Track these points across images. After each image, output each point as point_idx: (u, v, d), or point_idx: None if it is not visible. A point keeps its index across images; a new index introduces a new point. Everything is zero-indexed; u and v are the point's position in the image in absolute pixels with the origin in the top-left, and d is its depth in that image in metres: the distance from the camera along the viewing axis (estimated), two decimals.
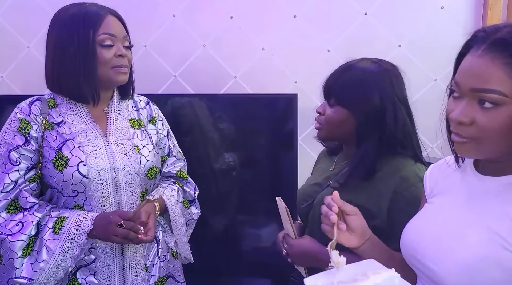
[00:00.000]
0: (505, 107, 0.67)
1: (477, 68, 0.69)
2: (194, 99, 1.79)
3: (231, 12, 1.85)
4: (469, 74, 0.70)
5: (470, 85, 0.70)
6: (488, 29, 0.72)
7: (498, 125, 0.68)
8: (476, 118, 0.69)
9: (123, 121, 1.25)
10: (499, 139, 0.69)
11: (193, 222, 1.39)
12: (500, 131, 0.68)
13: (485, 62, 0.68)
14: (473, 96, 0.70)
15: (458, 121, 0.71)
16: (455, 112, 0.72)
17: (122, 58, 1.17)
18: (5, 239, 1.09)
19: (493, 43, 0.68)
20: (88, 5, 1.17)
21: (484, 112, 0.68)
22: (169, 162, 1.36)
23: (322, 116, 1.14)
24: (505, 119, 0.67)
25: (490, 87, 0.67)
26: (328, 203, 0.88)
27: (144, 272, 1.22)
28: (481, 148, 0.72)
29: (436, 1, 1.70)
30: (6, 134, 1.14)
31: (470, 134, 0.71)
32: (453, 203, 0.80)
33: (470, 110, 0.70)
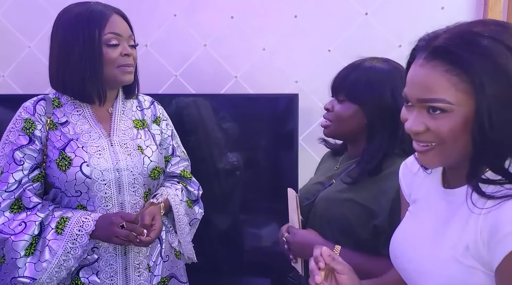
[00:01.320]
0: (453, 113, 0.67)
1: (420, 78, 0.69)
2: (195, 98, 1.79)
3: (232, 12, 1.85)
4: (414, 84, 0.71)
5: (416, 96, 0.70)
6: (428, 36, 0.72)
7: (450, 129, 0.68)
8: (428, 125, 0.70)
9: (127, 121, 1.25)
10: (455, 143, 0.69)
11: (196, 221, 1.39)
12: (453, 135, 0.68)
13: (427, 71, 0.68)
14: (421, 105, 0.70)
15: (413, 131, 0.72)
16: (408, 122, 0.73)
17: (128, 57, 1.17)
18: (8, 238, 1.09)
19: (433, 51, 0.68)
20: (93, 4, 1.17)
21: (435, 119, 0.69)
22: (173, 162, 1.36)
23: (330, 112, 1.14)
24: (455, 124, 0.67)
25: (436, 97, 0.67)
26: (315, 257, 0.82)
27: (147, 272, 1.22)
28: (442, 154, 0.72)
29: (437, 2, 1.71)
30: (11, 133, 1.14)
31: (430, 139, 0.71)
32: (425, 220, 0.80)
33: (421, 118, 0.71)
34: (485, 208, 0.67)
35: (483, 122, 0.65)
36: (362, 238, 1.06)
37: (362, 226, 1.05)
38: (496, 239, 0.64)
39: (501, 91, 0.64)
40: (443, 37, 0.68)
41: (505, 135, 0.65)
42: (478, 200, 0.69)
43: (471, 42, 0.66)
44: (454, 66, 0.66)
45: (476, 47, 0.65)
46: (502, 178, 0.68)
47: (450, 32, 0.69)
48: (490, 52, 0.64)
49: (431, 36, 0.71)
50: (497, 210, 0.65)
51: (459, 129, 0.67)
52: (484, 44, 0.65)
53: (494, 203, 0.66)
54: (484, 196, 0.67)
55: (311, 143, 1.82)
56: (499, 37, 0.65)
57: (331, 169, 1.24)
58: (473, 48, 0.65)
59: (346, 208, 1.08)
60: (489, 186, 0.69)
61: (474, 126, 0.66)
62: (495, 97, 0.64)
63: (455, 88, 0.66)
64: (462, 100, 0.66)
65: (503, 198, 0.65)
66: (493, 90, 0.64)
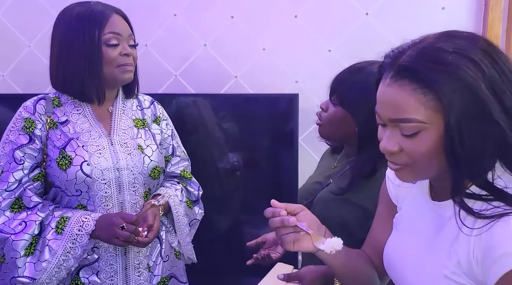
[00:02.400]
0: (425, 132, 0.66)
1: (389, 98, 0.68)
2: (195, 98, 1.79)
3: (232, 12, 1.85)
4: (384, 104, 0.70)
5: (387, 116, 0.70)
6: (393, 53, 0.70)
7: (424, 150, 0.67)
8: (402, 146, 0.69)
9: (127, 120, 1.25)
10: (430, 161, 0.68)
11: (196, 222, 1.39)
12: (428, 155, 0.67)
13: (395, 91, 0.67)
14: (393, 125, 0.70)
15: (387, 151, 0.72)
16: (382, 142, 0.72)
17: (127, 57, 1.17)
18: (8, 238, 1.09)
19: (399, 70, 0.67)
20: (93, 4, 1.17)
21: (408, 139, 0.68)
22: (173, 162, 1.36)
23: (324, 112, 1.14)
24: (429, 143, 0.66)
25: (406, 117, 0.66)
26: (273, 212, 0.83)
27: (147, 272, 1.22)
28: (416, 172, 0.71)
29: (437, 2, 1.71)
30: (11, 132, 1.14)
31: (403, 161, 0.71)
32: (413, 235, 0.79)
33: (395, 138, 0.70)
34: (476, 228, 0.65)
35: (454, 139, 0.64)
36: (359, 238, 1.06)
37: (360, 227, 1.05)
38: (490, 260, 0.63)
39: (469, 107, 0.63)
40: (408, 55, 0.67)
41: (477, 150, 0.64)
42: (467, 217, 0.67)
43: (436, 59, 0.64)
44: (420, 84, 0.65)
45: (441, 64, 0.64)
46: (487, 194, 0.66)
47: (415, 48, 0.67)
48: (455, 69, 0.63)
49: (395, 53, 0.70)
50: (488, 231, 0.64)
51: (433, 148, 0.66)
52: (448, 60, 0.64)
53: (485, 223, 0.64)
54: (472, 215, 0.66)
55: (311, 143, 1.82)
56: (464, 52, 0.64)
57: (328, 168, 1.24)
58: (438, 65, 0.64)
59: (343, 209, 1.08)
60: (476, 202, 0.67)
61: (445, 144, 0.65)
62: (464, 113, 0.63)
63: (424, 107, 0.65)
64: (433, 118, 0.65)
65: (493, 218, 0.64)
66: (461, 106, 0.63)
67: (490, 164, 0.67)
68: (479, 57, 0.64)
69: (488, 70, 0.63)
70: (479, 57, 0.64)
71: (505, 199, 0.65)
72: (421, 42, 0.68)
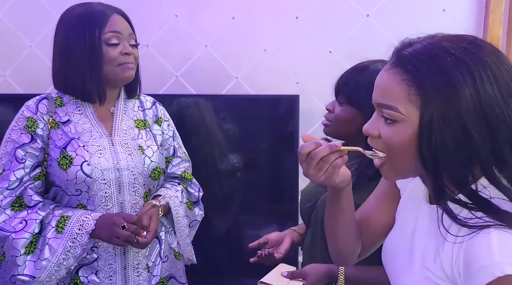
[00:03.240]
0: (402, 124, 0.66)
1: (382, 82, 0.69)
2: (196, 99, 1.80)
3: (233, 13, 1.85)
4: (377, 87, 0.71)
5: (376, 99, 0.71)
6: (403, 42, 0.70)
7: (398, 140, 0.67)
8: (381, 132, 0.70)
9: (129, 121, 1.25)
10: (403, 155, 0.68)
11: (196, 223, 1.39)
12: (401, 147, 0.67)
13: (388, 77, 0.68)
14: (379, 110, 0.70)
15: (367, 133, 0.72)
16: (366, 125, 0.73)
17: (128, 56, 1.17)
18: (8, 236, 1.09)
19: (398, 59, 0.68)
20: (94, 4, 1.18)
21: (387, 126, 0.69)
22: (174, 162, 1.36)
23: (331, 113, 1.15)
24: (403, 135, 0.67)
25: (389, 103, 0.67)
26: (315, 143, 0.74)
27: (146, 272, 1.22)
28: (395, 167, 0.71)
29: (438, 4, 1.71)
30: (13, 131, 1.15)
31: (379, 147, 0.71)
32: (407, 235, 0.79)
33: (377, 123, 0.71)
34: (459, 236, 0.65)
35: (423, 137, 0.64)
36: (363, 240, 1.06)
37: None
38: (470, 272, 0.62)
39: (445, 112, 0.62)
40: (414, 47, 0.67)
41: (446, 155, 0.64)
42: (453, 224, 0.67)
43: (433, 56, 0.64)
44: (410, 77, 0.65)
45: (435, 62, 0.64)
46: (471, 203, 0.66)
47: (423, 42, 0.68)
48: (446, 70, 0.63)
49: (406, 42, 0.70)
50: (470, 241, 0.63)
51: (406, 142, 0.66)
52: (444, 61, 0.63)
53: (468, 233, 0.64)
54: (455, 220, 0.66)
55: None
56: (465, 58, 0.63)
57: None
58: (432, 63, 0.64)
59: None
60: (463, 209, 0.67)
61: (417, 141, 0.65)
62: (438, 115, 0.63)
63: (407, 99, 0.65)
64: (411, 113, 0.65)
65: (475, 228, 0.63)
66: (438, 107, 0.63)
67: (465, 175, 0.66)
68: (478, 69, 0.63)
69: (481, 82, 0.62)
70: (478, 69, 0.63)
71: (488, 211, 0.64)
72: (433, 38, 0.68)
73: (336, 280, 1.09)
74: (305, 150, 0.74)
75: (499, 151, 0.64)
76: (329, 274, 1.10)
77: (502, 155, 0.64)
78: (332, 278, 1.09)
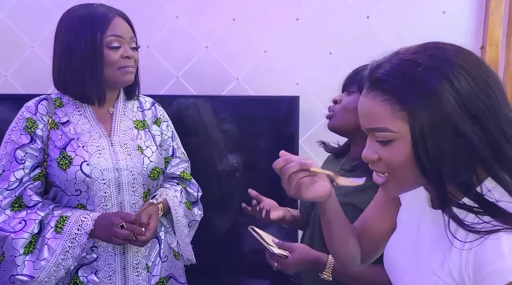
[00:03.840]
0: (398, 142, 0.67)
1: (364, 108, 0.71)
2: (196, 100, 1.80)
3: (234, 14, 1.86)
4: (361, 114, 0.73)
5: (365, 125, 0.72)
6: (372, 65, 0.72)
7: (398, 160, 0.68)
8: (380, 154, 0.70)
9: (128, 122, 1.26)
10: (407, 172, 0.69)
11: (195, 223, 1.39)
12: (403, 165, 0.68)
13: (369, 101, 0.69)
14: (371, 134, 0.72)
15: (367, 159, 0.73)
16: (363, 151, 0.74)
17: (129, 59, 1.18)
18: (8, 236, 1.10)
19: (372, 82, 0.69)
20: (96, 6, 1.18)
21: (384, 148, 0.69)
22: (173, 163, 1.36)
23: (337, 104, 1.16)
24: (402, 152, 0.67)
25: (378, 126, 0.68)
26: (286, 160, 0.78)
27: (145, 272, 1.22)
28: (398, 184, 0.72)
29: (438, 6, 1.71)
30: (13, 132, 1.15)
31: (383, 170, 0.72)
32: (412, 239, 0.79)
33: (373, 147, 0.71)
34: (468, 242, 0.65)
35: (419, 149, 0.65)
36: None
37: None
38: (480, 277, 0.63)
39: (433, 119, 0.64)
40: (383, 67, 0.69)
41: (445, 162, 0.65)
42: (459, 229, 0.67)
43: (405, 71, 0.66)
44: (389, 95, 0.66)
45: (408, 76, 0.65)
46: (478, 206, 0.66)
47: (390, 60, 0.69)
48: (421, 80, 0.64)
49: (374, 65, 0.72)
50: (479, 246, 0.63)
51: (407, 158, 0.67)
52: (416, 73, 0.65)
53: (476, 238, 0.64)
54: (463, 227, 0.66)
55: (312, 146, 1.82)
56: (436, 65, 0.64)
57: None
58: (405, 77, 0.65)
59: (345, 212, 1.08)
60: (469, 214, 0.67)
61: (413, 154, 0.66)
62: (428, 124, 0.64)
63: (394, 116, 0.66)
64: (402, 128, 0.66)
65: (483, 233, 0.63)
66: (425, 118, 0.64)
67: (469, 177, 0.66)
68: (450, 70, 0.64)
69: (458, 83, 0.63)
70: (450, 70, 0.64)
71: (495, 214, 0.64)
72: (398, 54, 0.70)
73: (322, 269, 1.08)
74: (276, 166, 0.80)
75: (494, 144, 0.64)
76: (317, 262, 1.08)
77: (499, 147, 0.65)
78: (319, 267, 1.08)
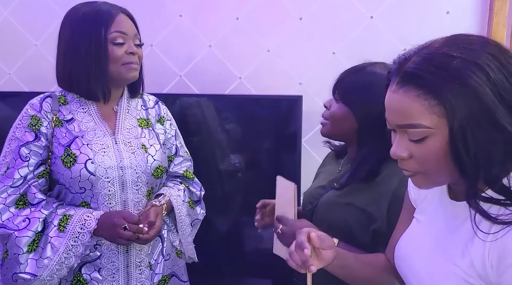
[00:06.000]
0: (432, 138, 0.66)
1: (395, 104, 0.69)
2: (199, 99, 1.80)
3: (237, 14, 1.85)
4: (391, 110, 0.71)
5: (395, 122, 0.70)
6: (399, 59, 0.71)
7: (432, 156, 0.67)
8: (411, 152, 0.69)
9: (132, 120, 1.26)
10: (440, 168, 0.68)
11: (198, 222, 1.40)
12: (437, 161, 0.67)
13: (400, 97, 0.67)
14: (401, 131, 0.70)
15: (397, 157, 0.72)
16: (392, 148, 0.72)
17: (133, 55, 1.18)
18: (11, 234, 1.10)
19: (404, 77, 0.67)
20: (100, 3, 1.19)
21: (416, 145, 0.68)
22: (176, 162, 1.37)
23: (327, 111, 1.15)
24: (436, 149, 0.66)
25: (413, 122, 0.67)
26: (300, 243, 0.82)
27: (148, 270, 1.23)
28: (430, 179, 0.71)
29: (442, 6, 1.71)
30: (17, 130, 1.15)
31: (414, 168, 0.71)
32: (429, 231, 0.79)
33: (404, 144, 0.70)
34: (492, 233, 0.65)
35: (458, 144, 0.64)
36: (362, 242, 1.06)
37: (362, 230, 1.05)
38: (504, 266, 0.63)
39: (473, 112, 0.63)
40: (413, 61, 0.67)
41: (484, 156, 0.64)
42: (483, 220, 0.67)
43: (440, 64, 0.64)
44: (424, 90, 0.65)
45: (444, 70, 0.64)
46: (504, 199, 0.66)
47: (420, 54, 0.67)
48: (458, 74, 0.63)
49: (402, 59, 0.70)
50: (504, 236, 0.64)
51: (441, 153, 0.66)
52: (452, 66, 0.63)
53: (501, 228, 0.64)
54: (489, 219, 0.65)
55: (314, 145, 1.82)
56: (470, 57, 0.64)
57: (333, 173, 1.23)
58: (442, 71, 0.64)
59: (346, 213, 1.08)
60: (492, 206, 0.67)
61: (451, 149, 0.65)
62: (468, 118, 0.63)
63: (429, 112, 0.65)
64: (439, 124, 0.65)
65: (509, 223, 0.63)
66: (465, 111, 0.63)
67: (501, 170, 0.66)
68: (484, 61, 0.63)
69: (494, 74, 0.63)
70: (484, 61, 0.63)
71: None
72: (426, 47, 0.68)
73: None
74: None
75: None
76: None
77: None
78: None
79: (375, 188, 1.06)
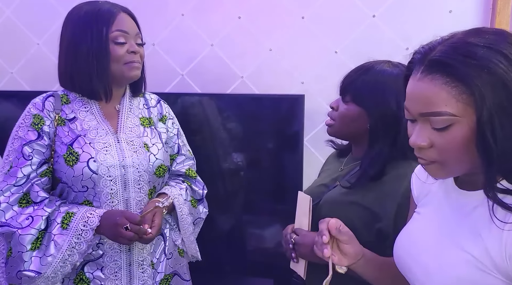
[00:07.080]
0: (457, 126, 0.66)
1: (420, 92, 0.69)
2: (201, 98, 1.80)
3: (239, 13, 1.85)
4: (414, 99, 0.70)
5: (418, 110, 0.70)
6: (423, 49, 0.71)
7: (455, 145, 0.67)
8: (433, 141, 0.69)
9: (134, 119, 1.26)
10: (461, 157, 0.68)
11: (200, 221, 1.40)
12: (459, 150, 0.67)
13: (426, 85, 0.68)
14: (424, 119, 0.70)
15: (417, 146, 0.72)
16: (412, 137, 0.72)
17: (135, 54, 1.18)
18: (15, 232, 1.10)
19: (430, 65, 0.68)
20: (102, 3, 1.19)
21: (439, 134, 0.68)
22: (178, 160, 1.37)
23: (335, 111, 1.15)
24: (460, 137, 0.67)
25: (437, 110, 0.67)
26: (320, 231, 0.88)
27: (150, 269, 1.23)
28: (448, 169, 0.71)
29: (444, 5, 1.71)
30: (20, 129, 1.16)
31: (432, 157, 0.71)
32: (434, 220, 0.79)
33: (425, 133, 0.70)
34: (509, 222, 0.66)
35: (486, 133, 0.64)
36: (366, 240, 1.05)
37: (366, 229, 1.05)
38: None
39: (501, 101, 0.63)
40: (439, 50, 0.68)
41: (509, 142, 0.65)
42: (497, 209, 0.67)
43: (467, 53, 0.65)
44: (452, 78, 0.65)
45: (473, 58, 0.64)
46: None
47: (445, 44, 0.68)
48: (486, 63, 0.64)
49: (426, 48, 0.70)
50: None
51: (465, 142, 0.67)
52: (480, 54, 0.64)
53: None
54: (507, 209, 0.66)
55: (316, 145, 1.82)
56: (495, 46, 0.65)
57: (335, 171, 1.23)
58: (470, 59, 0.64)
59: (350, 211, 1.08)
60: (506, 196, 0.67)
61: (477, 138, 0.65)
62: (496, 107, 0.63)
63: (456, 100, 0.65)
64: (465, 111, 0.65)
65: None
66: (493, 100, 0.63)
67: None
68: (509, 50, 0.65)
69: None
70: (509, 51, 0.64)
71: None
72: (451, 38, 0.69)
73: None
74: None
75: None
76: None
77: None
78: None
79: (380, 188, 1.06)
